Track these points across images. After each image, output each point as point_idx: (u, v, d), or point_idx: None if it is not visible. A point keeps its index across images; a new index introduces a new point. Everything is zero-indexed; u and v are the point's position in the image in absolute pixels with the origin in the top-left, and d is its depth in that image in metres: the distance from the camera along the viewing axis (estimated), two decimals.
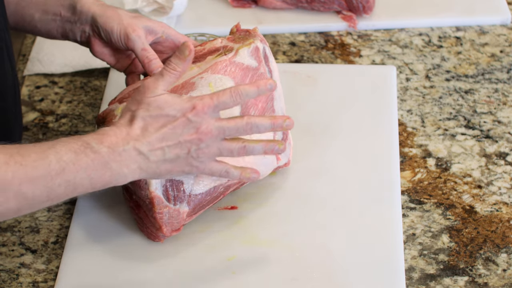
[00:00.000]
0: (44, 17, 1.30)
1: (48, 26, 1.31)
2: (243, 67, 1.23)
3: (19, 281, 1.21)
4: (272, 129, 1.13)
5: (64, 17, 1.29)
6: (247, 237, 1.23)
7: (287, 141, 1.28)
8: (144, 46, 1.26)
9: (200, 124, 1.10)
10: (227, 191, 1.23)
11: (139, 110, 1.10)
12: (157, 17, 1.57)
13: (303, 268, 1.19)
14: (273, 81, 1.13)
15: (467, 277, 1.20)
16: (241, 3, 1.63)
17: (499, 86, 1.48)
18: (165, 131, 1.09)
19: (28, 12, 1.30)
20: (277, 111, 1.25)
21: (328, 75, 1.47)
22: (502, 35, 1.58)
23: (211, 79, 1.22)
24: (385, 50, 1.55)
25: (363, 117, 1.39)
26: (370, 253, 1.21)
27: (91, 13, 1.27)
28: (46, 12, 1.30)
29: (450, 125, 1.41)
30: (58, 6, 1.29)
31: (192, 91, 1.21)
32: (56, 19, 1.30)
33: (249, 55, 1.24)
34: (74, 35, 1.30)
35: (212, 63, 1.23)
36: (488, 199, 1.30)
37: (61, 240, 1.26)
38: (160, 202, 1.17)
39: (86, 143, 1.06)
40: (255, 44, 1.25)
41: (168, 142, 1.10)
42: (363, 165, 1.32)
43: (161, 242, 1.22)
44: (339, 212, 1.26)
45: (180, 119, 1.10)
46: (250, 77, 1.24)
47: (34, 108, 1.47)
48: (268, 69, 1.26)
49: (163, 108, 1.10)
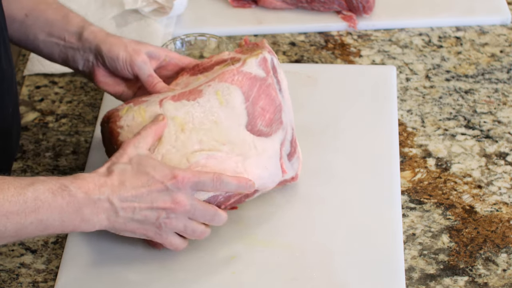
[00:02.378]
0: (48, 39, 1.30)
1: (50, 48, 1.31)
2: (251, 77, 1.23)
3: (19, 281, 1.21)
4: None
5: (68, 42, 1.29)
6: (247, 237, 1.23)
7: (295, 155, 1.26)
8: (150, 72, 1.26)
9: (177, 195, 1.12)
10: (227, 201, 1.20)
11: (121, 163, 1.12)
12: (157, 17, 1.57)
13: (303, 268, 1.19)
14: (252, 183, 1.17)
15: (467, 277, 1.20)
16: (241, 3, 1.63)
17: (499, 86, 1.48)
18: (141, 191, 1.11)
19: (32, 31, 1.30)
20: (285, 123, 1.24)
21: (328, 75, 1.47)
22: (502, 35, 1.58)
23: (219, 87, 1.21)
24: (385, 50, 1.55)
25: (363, 117, 1.39)
26: (370, 253, 1.21)
27: (96, 41, 1.27)
28: (50, 34, 1.30)
29: (450, 125, 1.41)
30: (64, 31, 1.29)
31: (199, 97, 1.20)
32: (59, 43, 1.30)
33: (257, 65, 1.24)
34: (76, 63, 1.30)
35: (219, 72, 1.23)
36: (488, 199, 1.30)
37: (61, 240, 1.26)
38: None
39: (64, 185, 1.08)
40: (263, 55, 1.25)
41: (140, 204, 1.11)
42: (363, 165, 1.32)
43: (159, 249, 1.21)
44: (339, 212, 1.26)
45: (159, 184, 1.12)
46: (258, 87, 1.23)
47: (34, 108, 1.47)
48: (276, 80, 1.25)
49: (145, 167, 1.12)
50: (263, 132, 1.22)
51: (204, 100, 1.20)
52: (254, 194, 1.23)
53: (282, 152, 1.23)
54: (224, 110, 1.20)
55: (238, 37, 1.59)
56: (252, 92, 1.22)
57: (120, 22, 1.59)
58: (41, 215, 1.06)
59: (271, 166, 1.22)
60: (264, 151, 1.21)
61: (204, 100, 1.20)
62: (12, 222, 1.04)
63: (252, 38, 1.59)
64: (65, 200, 1.07)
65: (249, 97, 1.22)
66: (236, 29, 1.60)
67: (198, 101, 1.20)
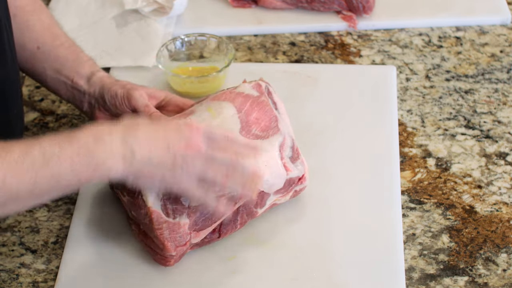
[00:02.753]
0: (56, 76, 1.32)
1: (57, 85, 1.32)
2: (243, 95, 1.23)
3: (19, 281, 1.21)
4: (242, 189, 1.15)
5: (75, 83, 1.31)
6: (247, 237, 1.23)
7: (299, 160, 1.25)
8: (146, 103, 1.27)
9: (191, 138, 1.10)
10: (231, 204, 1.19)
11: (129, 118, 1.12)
12: (157, 17, 1.57)
13: (303, 268, 1.19)
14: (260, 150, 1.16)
15: (467, 277, 1.20)
16: (241, 3, 1.63)
17: (499, 86, 1.48)
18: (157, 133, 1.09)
19: (41, 65, 1.32)
20: (283, 131, 1.23)
21: (328, 75, 1.47)
22: (502, 35, 1.58)
23: (211, 104, 1.22)
24: (385, 50, 1.55)
25: (363, 117, 1.39)
26: (370, 253, 1.21)
27: (101, 84, 1.29)
28: (59, 72, 1.31)
29: (450, 125, 1.41)
30: (74, 72, 1.31)
31: (191, 115, 1.21)
32: (67, 82, 1.31)
33: (250, 88, 1.24)
34: (81, 104, 1.32)
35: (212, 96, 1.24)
36: (488, 199, 1.30)
37: (61, 240, 1.26)
38: (158, 217, 1.15)
39: (70, 136, 1.06)
40: (257, 81, 1.25)
41: (156, 145, 1.08)
42: (363, 165, 1.32)
43: (171, 265, 1.18)
44: (339, 212, 1.26)
45: (173, 125, 1.10)
46: (251, 103, 1.23)
47: (34, 108, 1.47)
48: (272, 101, 1.25)
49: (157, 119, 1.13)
50: (259, 136, 1.21)
51: (196, 115, 1.21)
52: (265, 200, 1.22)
53: (283, 154, 1.23)
54: (216, 120, 1.20)
55: (238, 37, 1.59)
56: (244, 106, 1.22)
57: (120, 22, 1.59)
58: (51, 169, 1.03)
59: (272, 164, 1.21)
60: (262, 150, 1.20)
61: (196, 115, 1.21)
62: (23, 181, 1.03)
63: (252, 38, 1.59)
64: (74, 148, 1.05)
65: (242, 109, 1.22)
66: (236, 29, 1.60)
67: (190, 117, 1.20)
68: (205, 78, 1.41)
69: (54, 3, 1.64)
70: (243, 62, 1.53)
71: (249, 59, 1.54)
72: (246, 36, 1.59)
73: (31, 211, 1.30)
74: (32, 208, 1.29)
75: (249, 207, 1.20)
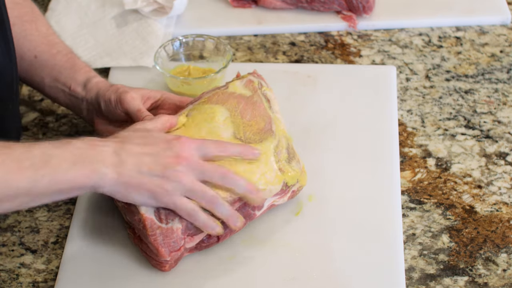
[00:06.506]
0: (53, 84, 1.33)
1: (56, 94, 1.34)
2: (236, 96, 1.23)
3: (19, 281, 1.21)
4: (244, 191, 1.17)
5: (73, 91, 1.32)
6: (247, 237, 1.23)
7: (294, 160, 1.24)
8: (139, 107, 1.27)
9: (181, 151, 1.13)
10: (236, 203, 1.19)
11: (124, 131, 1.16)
12: (157, 17, 1.57)
13: (303, 268, 1.19)
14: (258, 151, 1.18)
15: (467, 277, 1.20)
16: (241, 3, 1.63)
17: (499, 86, 1.48)
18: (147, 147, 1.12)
19: (39, 74, 1.33)
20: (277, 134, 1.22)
21: (328, 75, 1.47)
22: (502, 35, 1.58)
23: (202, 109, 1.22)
24: (385, 50, 1.55)
25: (363, 117, 1.39)
26: (370, 253, 1.21)
27: (97, 89, 1.30)
28: (56, 80, 1.33)
29: (450, 125, 1.41)
30: (71, 79, 1.32)
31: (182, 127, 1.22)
32: (64, 90, 1.33)
33: (242, 86, 1.24)
34: (80, 111, 1.33)
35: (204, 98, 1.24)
36: (488, 199, 1.30)
37: (61, 240, 1.26)
38: (152, 223, 1.15)
39: (67, 141, 1.10)
40: (248, 78, 1.25)
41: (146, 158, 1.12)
42: (363, 165, 1.32)
43: (166, 270, 1.19)
44: (339, 212, 1.26)
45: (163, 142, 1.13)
46: (244, 104, 1.23)
47: (34, 108, 1.47)
48: (266, 99, 1.25)
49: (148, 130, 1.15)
50: (252, 140, 1.21)
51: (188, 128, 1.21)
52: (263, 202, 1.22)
53: (278, 155, 1.22)
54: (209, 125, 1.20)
55: (238, 37, 1.59)
56: (237, 108, 1.22)
57: (120, 22, 1.59)
58: (50, 168, 1.07)
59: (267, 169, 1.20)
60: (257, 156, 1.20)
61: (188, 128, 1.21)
62: (23, 177, 1.05)
63: (252, 38, 1.59)
64: (71, 152, 1.08)
65: (235, 113, 1.22)
66: (236, 29, 1.60)
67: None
68: (203, 80, 1.41)
69: (54, 3, 1.64)
70: (243, 62, 1.53)
71: (249, 59, 1.54)
72: (246, 36, 1.59)
73: (31, 211, 1.30)
74: (32, 208, 1.29)
75: (247, 209, 1.20)
